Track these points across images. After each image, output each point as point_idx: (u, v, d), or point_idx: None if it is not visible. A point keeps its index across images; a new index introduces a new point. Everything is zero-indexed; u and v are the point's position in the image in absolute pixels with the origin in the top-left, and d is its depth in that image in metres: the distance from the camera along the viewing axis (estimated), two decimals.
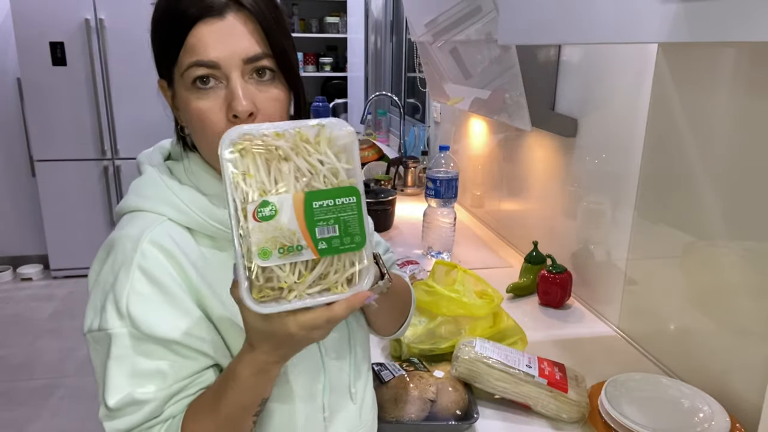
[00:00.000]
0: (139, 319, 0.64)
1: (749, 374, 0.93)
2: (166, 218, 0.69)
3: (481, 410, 0.97)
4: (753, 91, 0.92)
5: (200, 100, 0.66)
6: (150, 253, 0.66)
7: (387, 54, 3.84)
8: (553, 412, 0.95)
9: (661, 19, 0.66)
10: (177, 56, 0.66)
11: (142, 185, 0.72)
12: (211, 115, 0.66)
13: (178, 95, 0.69)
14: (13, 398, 2.63)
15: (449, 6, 1.65)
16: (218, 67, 0.65)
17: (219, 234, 0.71)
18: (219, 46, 0.65)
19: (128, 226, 0.69)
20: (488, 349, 1.00)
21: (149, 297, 0.65)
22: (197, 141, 0.71)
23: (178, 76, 0.67)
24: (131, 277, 0.65)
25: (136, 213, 0.70)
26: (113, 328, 0.64)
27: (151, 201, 0.70)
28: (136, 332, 0.64)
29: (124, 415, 0.65)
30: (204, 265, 0.70)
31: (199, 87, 0.66)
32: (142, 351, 0.65)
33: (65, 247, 3.86)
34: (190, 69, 0.65)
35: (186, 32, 0.65)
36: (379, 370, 1.03)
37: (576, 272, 1.43)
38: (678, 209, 1.09)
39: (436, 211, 1.72)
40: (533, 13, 0.96)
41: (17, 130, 3.89)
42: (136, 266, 0.65)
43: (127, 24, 3.60)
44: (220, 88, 0.66)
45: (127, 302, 0.64)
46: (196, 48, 0.65)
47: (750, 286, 0.93)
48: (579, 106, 1.43)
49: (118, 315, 0.64)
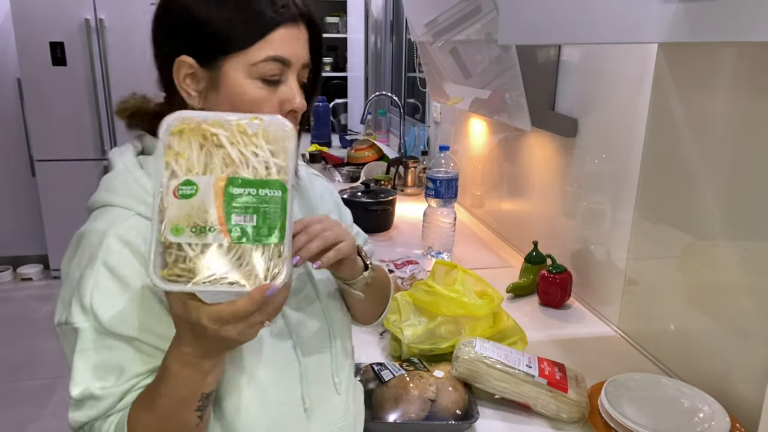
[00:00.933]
0: (102, 314, 0.65)
1: (749, 374, 0.93)
2: (134, 212, 0.70)
3: (481, 410, 0.97)
4: (753, 91, 0.92)
5: (260, 90, 0.70)
6: (115, 247, 0.67)
7: (387, 54, 3.84)
8: (553, 412, 0.95)
9: (661, 19, 0.66)
10: (249, 46, 0.69)
11: (111, 180, 0.73)
12: (266, 104, 0.71)
13: (229, 80, 0.70)
14: (13, 398, 2.63)
15: (449, 6, 1.65)
16: (289, 66, 0.71)
17: None
18: (293, 49, 0.71)
19: (96, 221, 0.70)
20: (488, 349, 1.00)
21: (112, 292, 0.66)
22: None
23: (241, 64, 0.69)
24: (95, 272, 0.66)
25: (106, 208, 0.71)
26: (78, 323, 0.66)
27: (119, 196, 0.71)
28: (99, 327, 0.65)
29: (84, 408, 0.66)
30: None
31: (267, 79, 0.70)
32: (104, 345, 0.66)
33: (65, 247, 3.84)
34: (266, 62, 0.69)
35: (272, 29, 0.69)
36: (379, 369, 1.03)
37: (576, 272, 1.43)
38: (678, 209, 1.09)
39: (436, 211, 1.72)
40: (533, 13, 0.96)
41: (17, 130, 3.89)
42: (101, 261, 0.66)
43: (127, 24, 3.60)
44: (278, 84, 0.72)
45: (91, 297, 0.65)
46: (278, 46, 0.70)
47: (750, 286, 0.93)
48: (579, 106, 1.43)
49: (83, 310, 0.66)
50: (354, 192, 2.07)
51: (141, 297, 0.67)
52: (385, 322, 1.17)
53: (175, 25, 0.71)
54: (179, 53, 0.70)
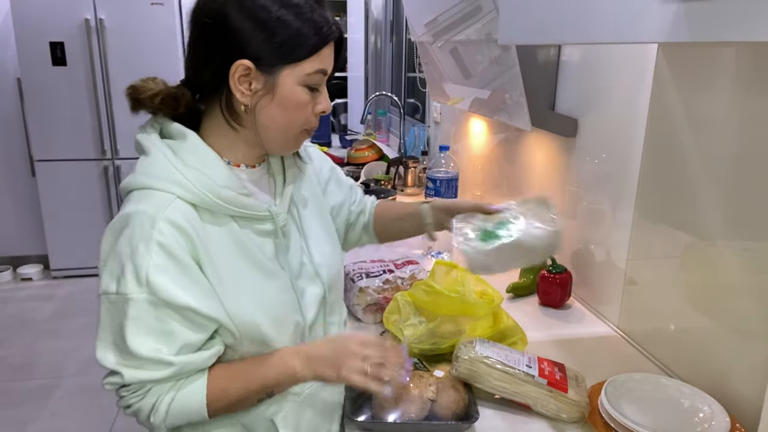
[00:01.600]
0: (159, 287, 0.75)
1: (749, 374, 0.93)
2: (175, 196, 0.79)
3: (481, 410, 0.97)
4: (753, 91, 0.92)
5: (306, 95, 0.84)
6: (167, 230, 0.76)
7: (387, 54, 3.84)
8: (553, 412, 0.95)
9: (661, 19, 0.66)
10: (305, 59, 0.81)
11: (151, 165, 0.81)
12: (309, 108, 0.86)
13: (283, 85, 0.82)
14: (13, 398, 2.63)
15: (449, 6, 1.65)
16: (326, 75, 0.86)
17: (219, 209, 0.82)
18: (331, 63, 0.86)
19: (142, 203, 0.77)
20: (488, 349, 1.00)
21: (167, 269, 0.75)
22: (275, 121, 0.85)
23: (295, 72, 0.82)
24: (151, 251, 0.75)
25: (147, 191, 0.79)
26: (132, 294, 0.75)
27: (161, 181, 0.79)
28: (154, 299, 0.75)
29: (146, 369, 0.77)
30: (206, 237, 0.81)
31: (312, 87, 0.84)
32: (156, 315, 0.76)
33: (65, 247, 3.87)
34: (316, 73, 0.83)
35: (323, 46, 0.83)
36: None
37: (576, 272, 1.43)
38: (678, 209, 1.09)
39: None
40: (533, 13, 0.96)
41: (17, 130, 3.90)
42: (155, 242, 0.75)
43: (127, 24, 3.60)
44: (316, 91, 0.86)
45: (147, 272, 0.74)
46: (325, 60, 0.84)
47: (750, 286, 0.93)
48: (579, 106, 1.43)
49: (137, 282, 0.74)
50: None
51: (191, 273, 0.78)
52: (385, 322, 1.17)
53: (239, 32, 0.78)
54: (238, 57, 0.79)
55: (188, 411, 0.82)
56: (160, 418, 0.80)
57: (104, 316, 0.78)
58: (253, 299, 0.85)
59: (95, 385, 2.73)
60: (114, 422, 2.47)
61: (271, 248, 0.89)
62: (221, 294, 0.81)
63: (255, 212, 0.86)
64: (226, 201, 0.82)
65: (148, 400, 0.80)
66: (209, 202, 0.81)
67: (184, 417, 0.82)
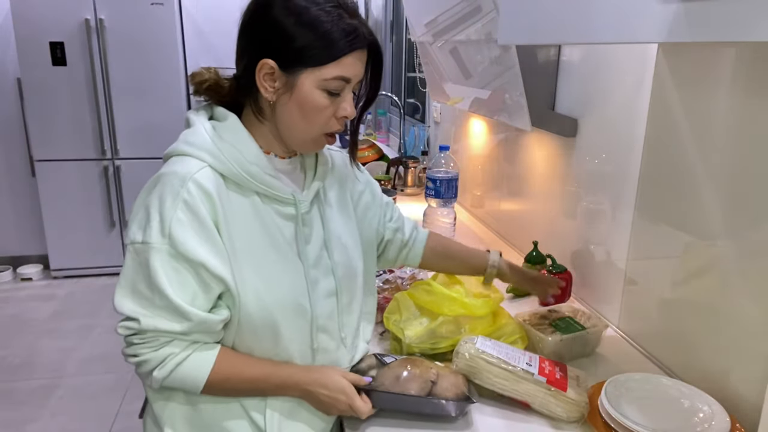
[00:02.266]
0: (178, 239, 0.81)
1: (749, 374, 0.93)
2: (206, 164, 0.86)
3: (481, 408, 0.97)
4: (753, 91, 0.92)
5: (324, 99, 0.88)
6: (194, 190, 0.82)
7: (387, 54, 3.84)
8: (552, 410, 0.95)
9: (661, 19, 0.66)
10: (324, 64, 0.85)
11: (191, 135, 0.89)
12: (325, 110, 0.89)
13: (302, 87, 0.86)
14: (13, 398, 2.63)
15: (449, 6, 1.65)
16: (348, 83, 0.88)
17: (245, 183, 0.88)
18: (356, 70, 0.88)
19: (176, 166, 0.85)
20: (489, 346, 1.00)
21: (188, 225, 0.82)
22: (294, 119, 0.89)
23: (314, 76, 0.86)
24: (177, 207, 0.81)
25: (183, 157, 0.86)
26: (155, 243, 0.81)
27: (197, 149, 0.87)
28: (173, 251, 0.81)
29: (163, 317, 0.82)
30: (229, 204, 0.87)
31: (331, 92, 0.87)
32: (174, 266, 0.82)
33: (65, 247, 3.86)
34: (334, 80, 0.86)
35: (344, 55, 0.86)
36: (381, 356, 1.04)
37: (576, 272, 1.43)
38: (678, 209, 1.09)
39: (436, 211, 1.72)
40: (533, 13, 0.96)
41: (17, 130, 3.89)
42: (181, 199, 0.82)
43: (127, 24, 3.60)
44: (337, 96, 0.89)
45: (170, 225, 0.81)
46: (347, 68, 0.87)
47: (750, 286, 0.93)
48: (579, 106, 1.43)
49: (161, 233, 0.81)
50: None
51: (208, 233, 0.83)
52: (385, 322, 1.17)
53: (267, 33, 0.85)
54: (264, 55, 0.85)
55: (187, 381, 0.86)
56: (164, 374, 0.84)
57: (128, 264, 0.84)
58: (262, 274, 0.88)
59: (95, 385, 2.73)
60: (114, 422, 2.47)
61: (291, 232, 0.93)
62: (233, 260, 0.86)
63: (278, 193, 0.91)
64: (251, 176, 0.88)
65: (160, 353, 0.84)
66: (237, 174, 0.87)
67: (182, 383, 0.87)
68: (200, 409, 0.92)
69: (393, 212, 1.21)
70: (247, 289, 0.87)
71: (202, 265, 0.82)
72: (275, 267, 0.90)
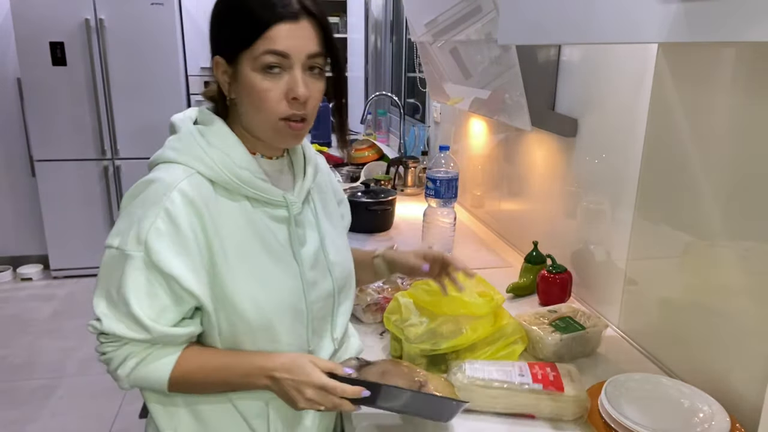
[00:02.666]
0: (153, 249, 0.79)
1: (749, 374, 0.93)
2: (195, 171, 0.84)
3: (481, 413, 0.97)
4: (753, 91, 0.92)
5: (266, 81, 0.83)
6: (177, 200, 0.80)
7: (387, 54, 3.84)
8: (555, 414, 0.95)
9: (661, 19, 0.66)
10: (252, 43, 0.81)
11: (178, 142, 0.87)
12: (273, 94, 0.83)
13: (243, 74, 0.83)
14: (13, 398, 2.63)
15: (449, 6, 1.65)
16: (288, 58, 0.82)
17: (235, 188, 0.86)
18: (291, 43, 0.82)
19: (162, 173, 0.83)
20: (478, 370, 0.99)
21: (165, 235, 0.79)
22: (249, 111, 0.86)
23: (248, 59, 0.82)
24: (157, 216, 0.79)
25: (170, 164, 0.85)
26: (131, 251, 0.79)
27: (184, 155, 0.85)
28: (147, 259, 0.79)
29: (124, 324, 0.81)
30: (217, 211, 0.85)
31: (268, 71, 0.82)
32: (147, 275, 0.80)
33: (65, 247, 3.86)
34: (264, 55, 0.81)
35: (268, 27, 0.80)
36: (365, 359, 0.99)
37: (576, 272, 1.43)
38: (678, 209, 1.09)
39: (436, 211, 1.72)
40: (533, 13, 0.96)
41: (17, 130, 3.89)
42: (163, 208, 0.79)
43: (127, 24, 3.60)
44: (284, 75, 0.83)
45: (147, 234, 0.79)
46: (274, 40, 0.81)
47: (750, 286, 0.93)
48: (579, 106, 1.43)
49: (137, 241, 0.79)
50: (354, 192, 2.07)
51: (187, 246, 0.81)
52: (385, 322, 1.17)
53: (212, 30, 0.87)
54: (215, 53, 0.86)
55: (151, 380, 0.85)
56: (125, 372, 0.84)
57: (103, 266, 0.83)
58: (258, 278, 0.87)
59: (95, 385, 2.73)
60: (114, 422, 2.47)
61: (284, 235, 0.92)
62: (226, 268, 0.84)
63: (270, 196, 0.89)
64: (242, 181, 0.86)
65: (121, 352, 0.84)
66: (227, 180, 0.85)
67: (146, 383, 0.86)
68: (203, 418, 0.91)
69: None
70: (243, 296, 0.85)
71: (174, 279, 0.80)
72: (271, 271, 0.89)
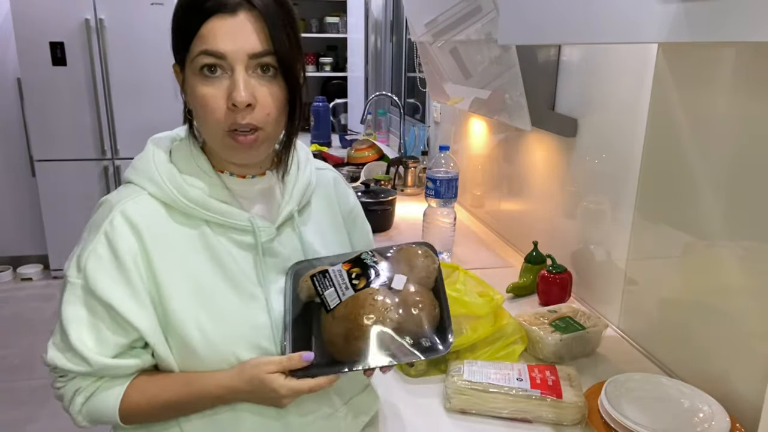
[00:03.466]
0: (91, 276, 0.73)
1: (749, 374, 0.93)
2: (146, 192, 0.77)
3: (480, 417, 0.96)
4: (753, 91, 0.92)
5: (205, 87, 0.73)
6: (117, 223, 0.74)
7: (387, 54, 3.84)
8: (553, 419, 0.95)
9: (661, 19, 0.66)
10: (190, 44, 0.73)
11: (138, 160, 0.81)
12: (213, 101, 0.73)
13: (187, 80, 0.76)
14: (13, 398, 2.63)
15: (449, 6, 1.65)
16: (225, 58, 0.71)
17: (188, 210, 0.77)
18: (228, 40, 0.71)
19: (114, 193, 0.78)
20: (476, 373, 0.99)
21: (105, 261, 0.74)
22: (198, 123, 0.78)
23: (188, 62, 0.74)
24: (97, 240, 0.74)
25: (127, 184, 0.80)
26: (71, 277, 0.75)
27: (138, 175, 0.79)
28: (87, 286, 0.74)
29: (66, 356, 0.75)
30: (164, 235, 0.77)
31: (206, 75, 0.73)
32: (86, 303, 0.74)
33: (65, 247, 3.86)
34: (199, 56, 0.72)
35: (200, 23, 0.71)
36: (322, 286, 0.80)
37: (576, 272, 1.43)
38: (678, 209, 1.09)
39: (436, 211, 1.72)
40: (533, 13, 0.96)
41: (17, 130, 3.89)
42: (103, 231, 0.74)
43: (127, 24, 3.60)
44: (224, 78, 0.73)
45: (87, 260, 0.74)
46: (207, 39, 0.71)
47: (750, 286, 0.93)
48: (579, 106, 1.43)
49: (77, 267, 0.75)
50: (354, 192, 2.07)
51: (126, 273, 0.74)
52: None
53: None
54: (176, 61, 0.78)
55: (101, 414, 0.79)
56: (75, 409, 0.79)
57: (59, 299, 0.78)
58: (210, 311, 0.77)
59: None
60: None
61: (250, 264, 0.81)
62: (172, 297, 0.75)
63: (230, 220, 0.79)
64: (193, 202, 0.77)
65: (69, 387, 0.79)
66: (177, 201, 0.77)
67: (98, 417, 0.80)
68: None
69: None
70: (190, 327, 0.76)
71: (112, 308, 0.73)
72: (228, 302, 0.78)
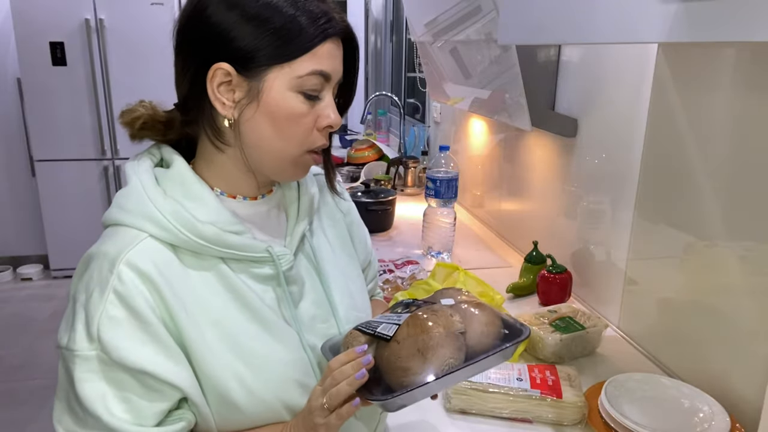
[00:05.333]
0: (110, 345, 0.62)
1: (749, 374, 0.93)
2: (147, 235, 0.66)
3: (481, 419, 0.97)
4: (753, 91, 0.92)
5: (302, 104, 0.68)
6: (127, 277, 0.63)
7: (387, 54, 3.84)
8: (554, 419, 0.95)
9: (661, 19, 0.66)
10: (296, 57, 0.67)
11: (124, 197, 0.69)
12: (304, 119, 0.69)
13: (270, 91, 0.67)
14: (13, 398, 2.63)
15: (449, 6, 1.65)
16: (328, 81, 0.70)
17: (202, 250, 0.68)
18: (334, 64, 0.70)
19: (107, 242, 0.66)
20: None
21: (122, 323, 0.62)
22: (262, 138, 0.69)
23: (286, 75, 0.67)
24: (106, 300, 0.62)
25: (117, 227, 0.67)
26: (81, 350, 0.63)
27: (132, 215, 0.67)
28: (106, 358, 0.62)
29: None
30: (185, 285, 0.67)
31: (309, 93, 0.68)
32: (109, 378, 0.63)
33: (65, 247, 3.86)
34: (311, 75, 0.67)
35: (319, 43, 0.67)
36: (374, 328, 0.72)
37: (576, 272, 1.43)
38: (678, 209, 1.09)
39: (436, 211, 1.72)
40: (533, 13, 0.96)
41: (17, 130, 3.90)
42: (112, 289, 0.62)
43: (127, 24, 3.60)
44: (317, 99, 0.70)
45: (99, 326, 0.62)
46: (323, 60, 0.68)
47: (750, 286, 0.93)
48: (579, 106, 1.43)
49: (88, 337, 0.62)
50: (354, 192, 2.07)
51: (152, 329, 0.64)
52: None
53: (216, 27, 0.66)
54: (215, 59, 0.66)
55: None
56: None
57: (59, 373, 0.67)
58: (245, 357, 0.69)
59: None
60: None
61: (272, 297, 0.74)
62: (203, 351, 0.67)
63: (248, 253, 0.71)
64: (207, 240, 0.68)
65: None
66: (188, 242, 0.67)
67: None
68: None
69: (369, 271, 0.98)
70: (228, 380, 0.68)
71: (146, 373, 0.63)
72: (261, 346, 0.71)
